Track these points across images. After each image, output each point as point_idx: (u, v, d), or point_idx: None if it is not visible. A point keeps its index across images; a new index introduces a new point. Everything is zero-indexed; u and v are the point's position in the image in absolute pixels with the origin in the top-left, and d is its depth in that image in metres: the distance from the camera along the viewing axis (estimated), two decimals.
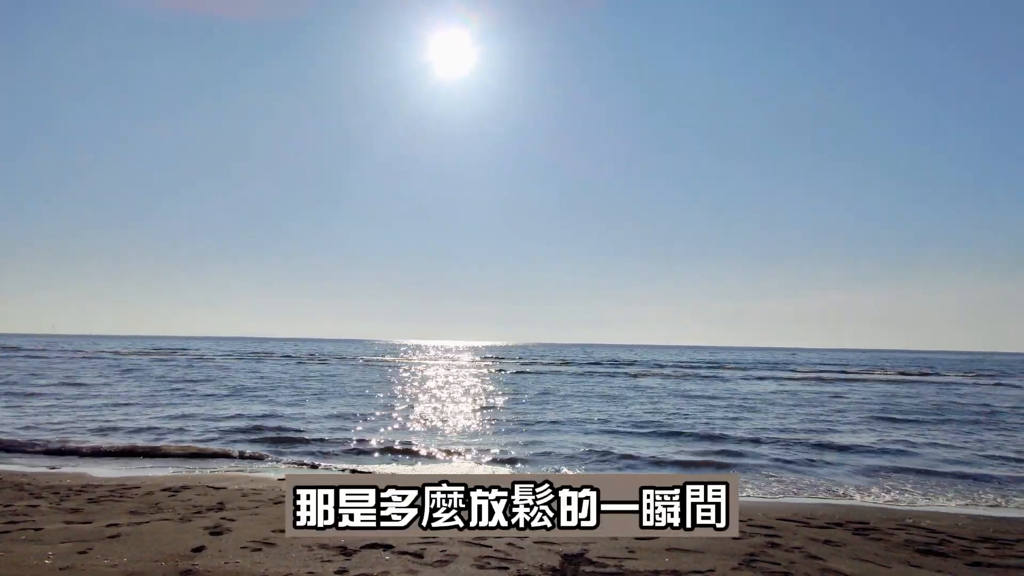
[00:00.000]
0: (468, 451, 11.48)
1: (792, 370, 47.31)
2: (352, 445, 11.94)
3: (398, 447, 11.73)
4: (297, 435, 12.83)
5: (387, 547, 5.07)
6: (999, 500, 8.52)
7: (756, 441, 12.88)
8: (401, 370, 39.08)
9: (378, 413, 16.84)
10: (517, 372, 38.98)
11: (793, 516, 6.90)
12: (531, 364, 51.94)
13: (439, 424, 15.10)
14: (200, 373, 32.40)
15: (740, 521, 6.43)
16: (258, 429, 13.50)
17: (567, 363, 55.18)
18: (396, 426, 14.62)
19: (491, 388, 26.67)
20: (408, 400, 20.68)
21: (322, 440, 12.34)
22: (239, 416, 15.54)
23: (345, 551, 4.95)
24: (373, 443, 12.13)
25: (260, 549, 5.01)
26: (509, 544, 5.30)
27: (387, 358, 60.13)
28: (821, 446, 12.45)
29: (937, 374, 45.18)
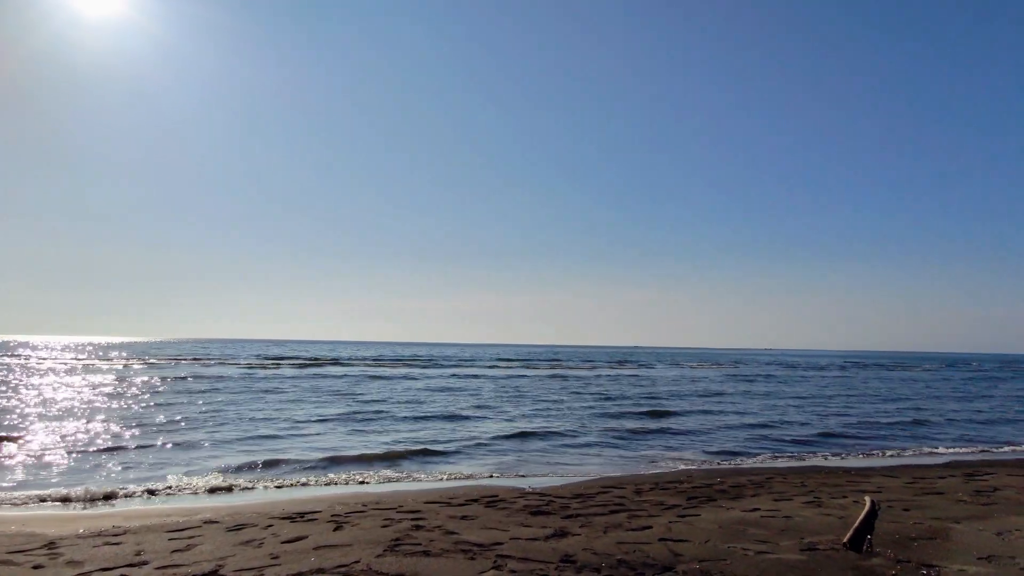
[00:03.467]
0: None
1: (479, 364, 52.13)
2: None
3: None
4: None
5: None
6: (588, 469, 10.88)
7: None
8: None
9: None
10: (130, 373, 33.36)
11: (439, 499, 7.52)
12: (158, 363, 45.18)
13: None
14: None
15: (390, 508, 6.74)
16: None
17: (198, 359, 49.63)
18: None
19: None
20: None
21: None
22: None
23: None
24: None
25: None
26: None
27: None
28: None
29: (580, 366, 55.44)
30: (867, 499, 5.47)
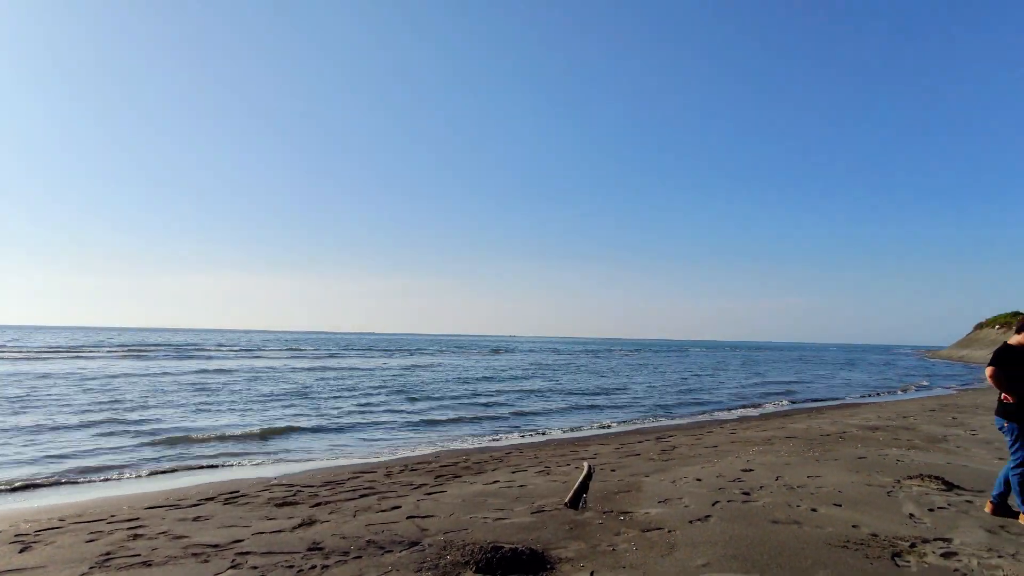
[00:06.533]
0: None
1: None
2: None
3: None
4: None
5: None
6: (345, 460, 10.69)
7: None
8: None
9: None
10: None
11: (165, 501, 6.67)
12: None
13: None
14: None
15: (99, 520, 5.77)
16: None
17: None
18: None
19: None
20: None
21: None
22: None
23: None
24: None
25: None
26: None
27: None
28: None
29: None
30: (585, 464, 6.43)
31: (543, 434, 13.28)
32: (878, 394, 25.32)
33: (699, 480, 7.05)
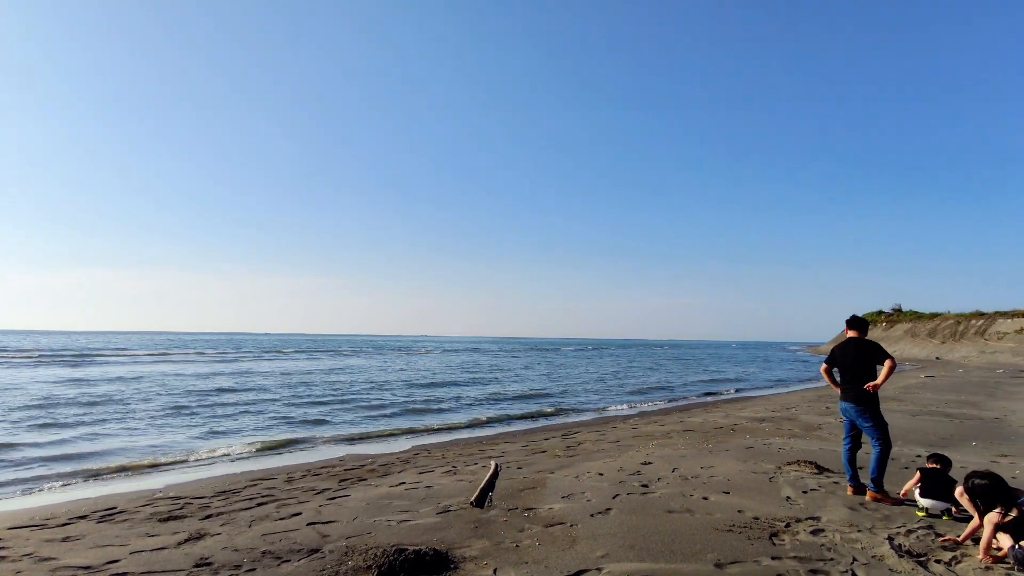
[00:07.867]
0: None
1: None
2: None
3: None
4: None
5: None
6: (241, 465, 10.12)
7: None
8: None
9: None
10: None
11: (30, 521, 6.02)
12: None
13: None
14: None
15: None
16: None
17: None
18: None
19: None
20: None
21: None
22: None
23: None
24: None
25: None
26: None
27: None
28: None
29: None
30: (492, 463, 6.48)
31: (450, 433, 13.22)
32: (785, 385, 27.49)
33: (601, 474, 7.30)
